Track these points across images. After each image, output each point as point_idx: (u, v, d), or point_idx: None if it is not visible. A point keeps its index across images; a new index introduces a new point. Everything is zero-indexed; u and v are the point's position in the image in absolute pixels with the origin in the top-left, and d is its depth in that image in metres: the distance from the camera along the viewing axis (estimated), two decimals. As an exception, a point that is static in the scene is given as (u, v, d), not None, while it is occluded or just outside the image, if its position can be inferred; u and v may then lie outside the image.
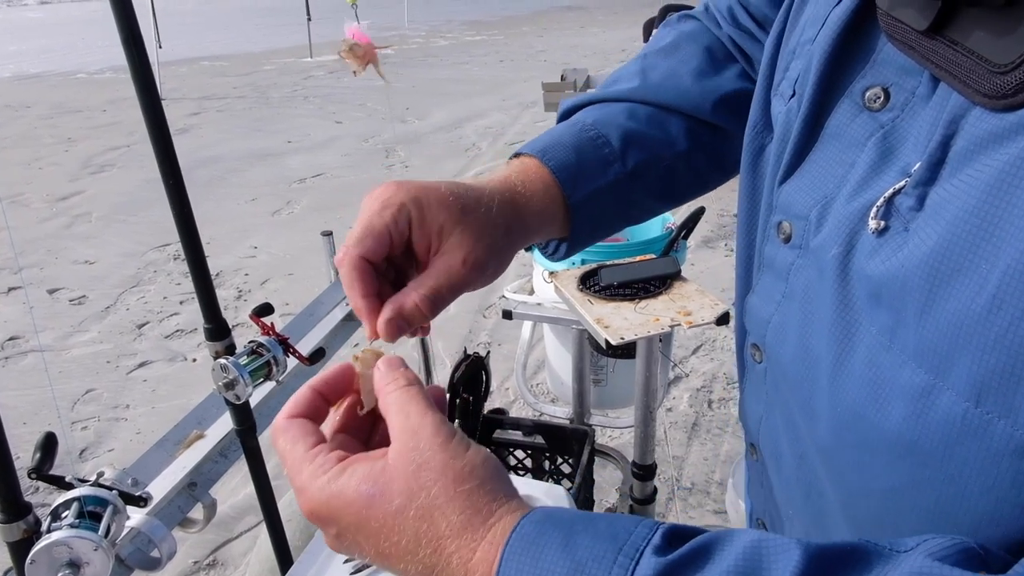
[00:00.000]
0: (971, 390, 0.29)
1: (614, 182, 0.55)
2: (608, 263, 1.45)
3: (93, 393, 2.78)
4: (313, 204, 4.74)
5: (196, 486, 1.04)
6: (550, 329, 1.78)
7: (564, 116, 0.60)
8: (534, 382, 2.64)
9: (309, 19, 10.27)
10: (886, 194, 0.33)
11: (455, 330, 3.10)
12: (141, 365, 2.97)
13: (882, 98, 0.35)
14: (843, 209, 0.36)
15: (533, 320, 1.63)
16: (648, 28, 5.25)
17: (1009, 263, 0.27)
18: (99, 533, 0.65)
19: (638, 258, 1.47)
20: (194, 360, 2.99)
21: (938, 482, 0.32)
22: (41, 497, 2.10)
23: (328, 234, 1.49)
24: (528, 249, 0.58)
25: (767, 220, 0.44)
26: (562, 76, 4.25)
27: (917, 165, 0.32)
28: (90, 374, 2.90)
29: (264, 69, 9.74)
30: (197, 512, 1.06)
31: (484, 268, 0.47)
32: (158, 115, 0.86)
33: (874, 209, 0.33)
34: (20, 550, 0.64)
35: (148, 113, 0.87)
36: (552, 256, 0.58)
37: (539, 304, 1.58)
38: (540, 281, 1.59)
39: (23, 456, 2.40)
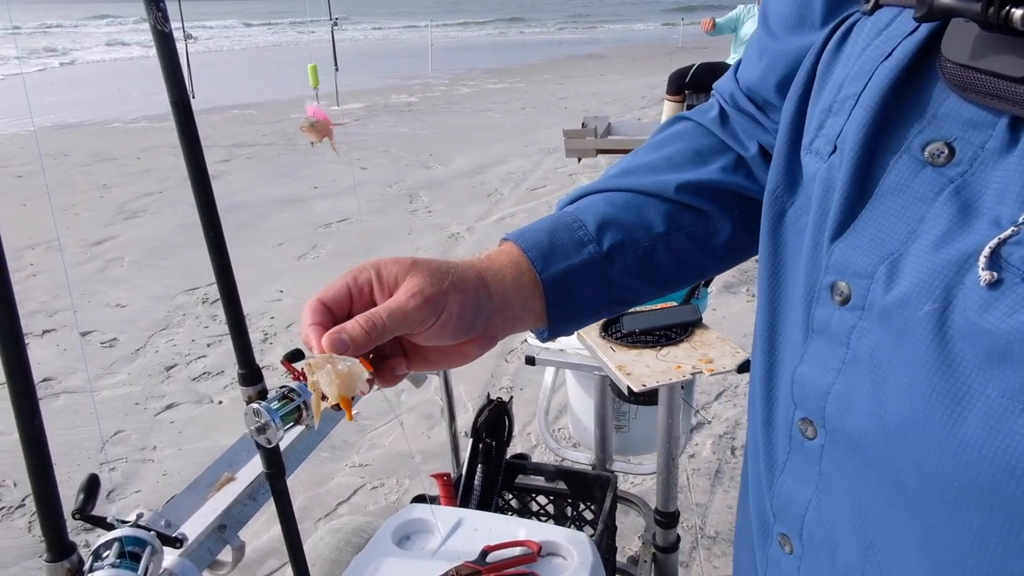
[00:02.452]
0: None
1: (589, 262, 0.56)
2: (630, 310, 1.47)
3: (122, 435, 2.82)
4: (338, 249, 4.83)
5: (226, 528, 1.06)
6: (572, 375, 1.79)
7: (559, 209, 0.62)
8: (556, 427, 2.64)
9: (337, 69, 10.56)
10: (991, 244, 0.32)
11: (477, 375, 3.11)
12: (168, 407, 3.02)
13: (946, 153, 0.35)
14: (927, 264, 0.34)
15: (556, 366, 1.65)
16: (676, 80, 5.30)
17: None
18: (138, 573, 0.68)
19: (659, 305, 1.50)
20: (220, 403, 3.04)
21: None
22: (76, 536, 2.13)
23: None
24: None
25: (813, 283, 0.42)
26: (583, 123, 4.33)
27: None
28: (119, 415, 2.95)
29: (292, 117, 10.00)
30: (226, 554, 1.08)
31: (434, 305, 0.48)
32: (202, 173, 0.91)
33: (982, 260, 0.32)
34: (64, 589, 0.66)
35: (193, 171, 0.92)
36: (543, 339, 0.59)
37: (562, 350, 1.60)
38: (562, 327, 1.62)
39: (52, 497, 2.45)
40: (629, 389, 1.21)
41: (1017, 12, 0.29)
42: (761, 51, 0.55)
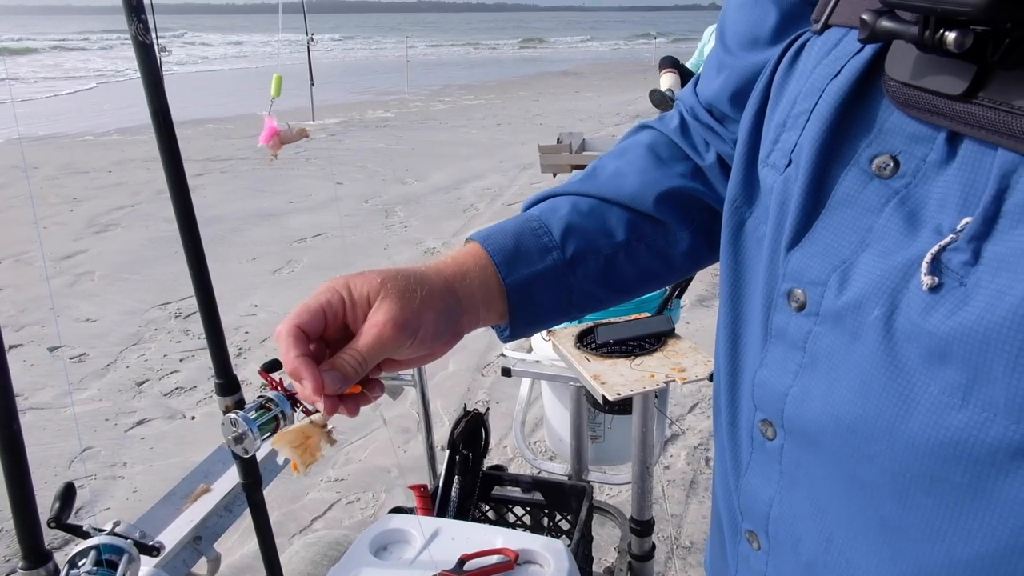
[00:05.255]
0: None
1: (552, 267, 0.58)
2: (605, 321, 1.50)
3: (91, 451, 2.77)
4: (314, 263, 4.81)
5: (201, 540, 1.06)
6: (548, 387, 1.81)
7: (525, 211, 0.63)
8: (532, 440, 2.65)
9: (312, 84, 10.57)
10: (932, 251, 0.33)
11: (454, 388, 3.11)
12: (140, 423, 2.97)
13: (891, 166, 0.37)
14: (875, 271, 0.36)
15: (532, 377, 1.67)
16: (667, 59, 5.27)
17: None
18: (116, 580, 0.68)
19: (633, 316, 1.52)
20: (193, 418, 3.00)
21: None
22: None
23: (333, 293, 1.54)
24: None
25: (771, 290, 0.44)
26: (558, 139, 4.37)
27: (966, 221, 0.33)
28: (88, 432, 2.90)
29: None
30: (201, 567, 1.07)
31: (409, 328, 0.50)
32: (181, 181, 0.92)
33: (924, 266, 0.33)
34: (39, 597, 0.66)
35: (172, 179, 0.93)
36: (503, 339, 0.61)
37: (538, 362, 1.61)
38: (539, 339, 1.63)
39: (18, 515, 2.39)
40: (604, 398, 1.23)
41: (950, 35, 0.31)
42: (719, 66, 0.58)
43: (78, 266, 4.82)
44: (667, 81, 4.69)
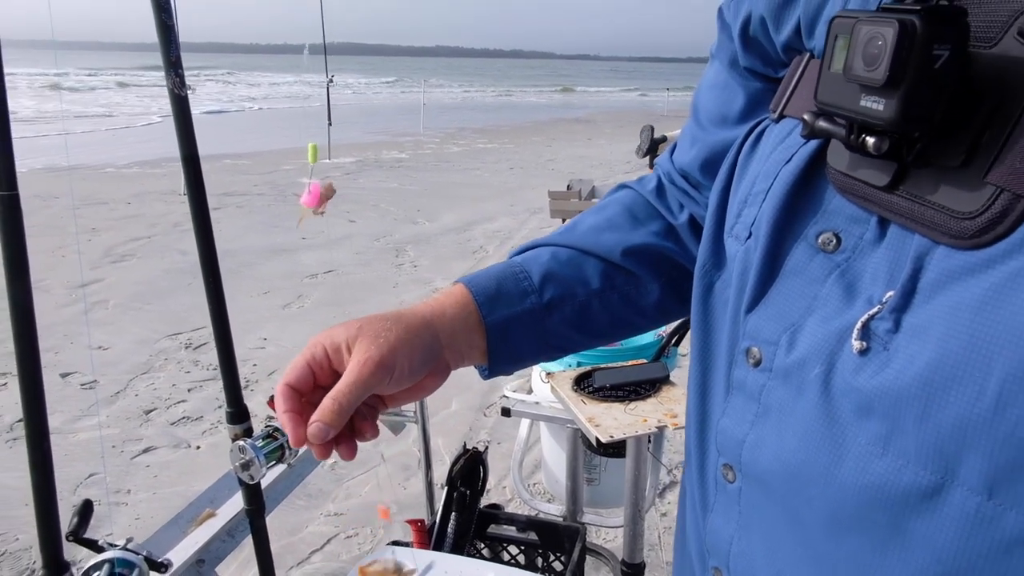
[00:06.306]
0: (983, 485, 0.33)
1: (530, 310, 0.63)
2: (602, 366, 1.55)
3: (96, 477, 2.81)
4: (323, 299, 4.88)
5: (204, 563, 1.10)
6: (547, 429, 1.85)
7: (512, 257, 0.69)
8: (532, 481, 2.67)
9: (330, 124, 10.81)
10: (863, 319, 0.38)
11: (456, 427, 3.15)
12: (146, 451, 3.01)
13: (834, 242, 0.42)
14: (817, 334, 0.41)
15: (531, 418, 1.71)
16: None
17: (1007, 371, 0.32)
18: (127, 592, 0.72)
19: (631, 362, 1.57)
20: (198, 448, 3.04)
21: (951, 574, 0.35)
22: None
23: (341, 329, 1.60)
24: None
25: (733, 347, 0.48)
26: (568, 185, 4.47)
27: (889, 294, 0.37)
28: (95, 458, 2.94)
29: (283, 168, 10.17)
30: (203, 589, 1.11)
31: (385, 364, 0.55)
32: (205, 218, 0.99)
33: (855, 332, 0.38)
34: (56, 606, 0.71)
35: (197, 216, 1.00)
36: (483, 376, 0.65)
37: (537, 403, 1.66)
38: (538, 381, 1.68)
39: (22, 538, 2.42)
40: (597, 440, 1.27)
41: (870, 140, 0.37)
42: (692, 139, 0.64)
43: (93, 294, 4.91)
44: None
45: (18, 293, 0.72)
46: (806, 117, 0.41)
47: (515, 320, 0.62)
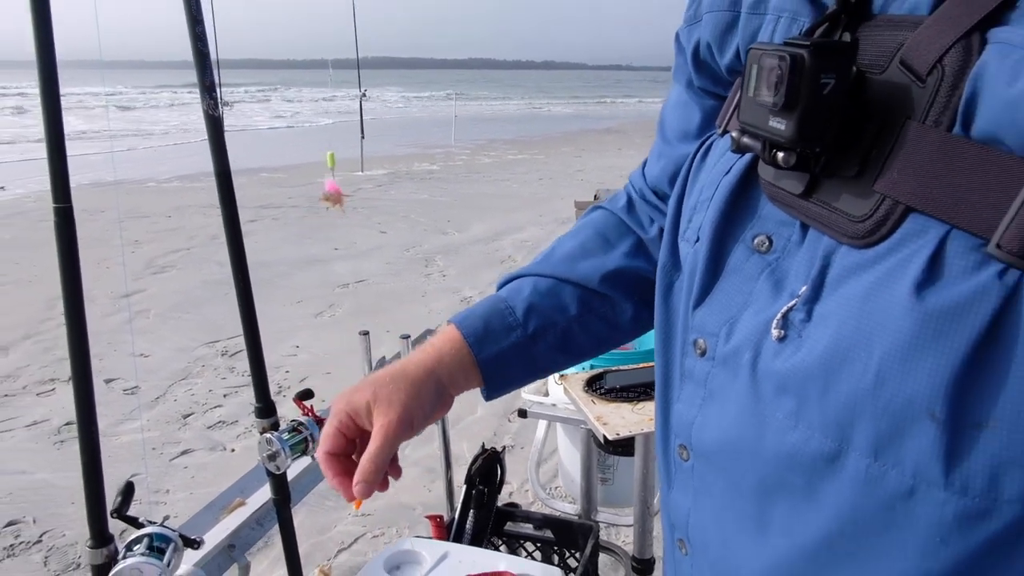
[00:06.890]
0: (870, 449, 0.38)
1: (516, 343, 0.70)
2: (614, 368, 1.60)
3: (137, 478, 2.94)
4: (354, 308, 5.01)
5: (234, 548, 1.19)
6: (563, 430, 1.91)
7: (499, 288, 0.76)
8: (553, 485, 2.73)
9: (363, 137, 11.03)
10: (782, 311, 0.43)
11: (480, 432, 3.22)
12: (183, 453, 3.14)
13: (767, 243, 0.46)
14: (749, 325, 0.46)
15: (546, 419, 1.77)
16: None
17: (883, 351, 0.37)
18: (163, 562, 0.81)
19: (642, 364, 1.63)
20: (233, 450, 3.16)
21: (849, 527, 0.40)
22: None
23: (365, 333, 1.69)
24: None
25: (684, 340, 0.53)
26: (595, 196, 4.52)
27: (803, 288, 0.42)
28: (137, 459, 3.07)
29: (318, 181, 10.35)
30: (233, 573, 1.20)
31: (406, 421, 0.64)
32: (236, 230, 1.08)
33: (775, 322, 0.43)
34: (101, 572, 0.79)
35: (229, 229, 1.09)
36: (486, 398, 0.73)
37: (553, 404, 1.72)
38: (553, 383, 1.75)
39: (68, 534, 2.55)
40: (604, 437, 1.33)
41: (780, 155, 0.43)
42: (659, 154, 0.71)
43: (136, 304, 5.11)
44: None
45: (71, 298, 0.81)
46: (733, 134, 0.47)
47: (504, 354, 0.70)
